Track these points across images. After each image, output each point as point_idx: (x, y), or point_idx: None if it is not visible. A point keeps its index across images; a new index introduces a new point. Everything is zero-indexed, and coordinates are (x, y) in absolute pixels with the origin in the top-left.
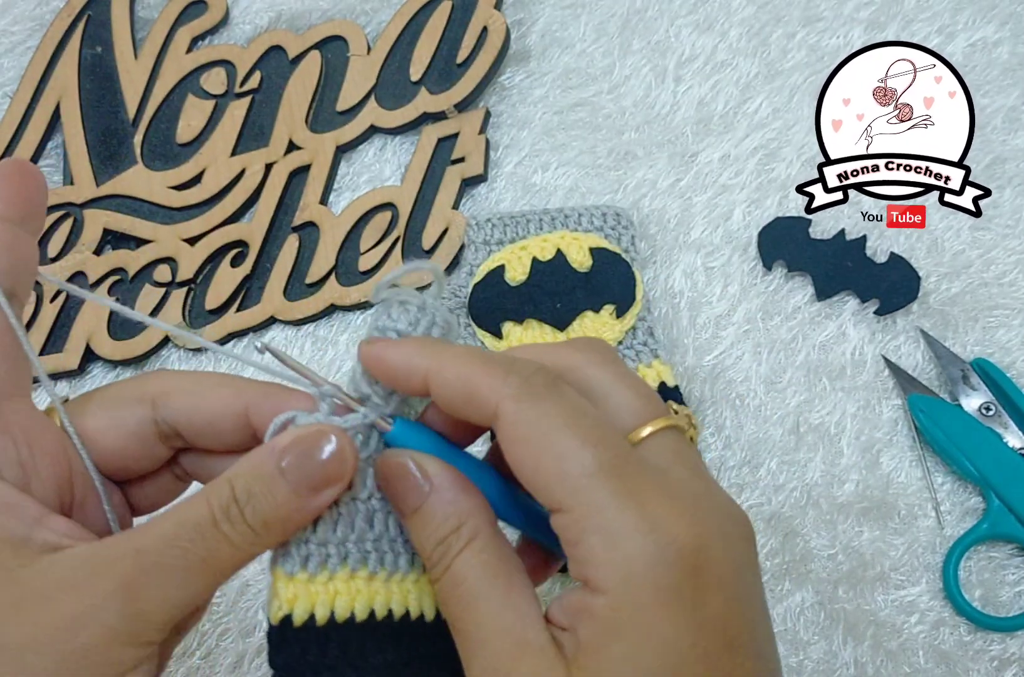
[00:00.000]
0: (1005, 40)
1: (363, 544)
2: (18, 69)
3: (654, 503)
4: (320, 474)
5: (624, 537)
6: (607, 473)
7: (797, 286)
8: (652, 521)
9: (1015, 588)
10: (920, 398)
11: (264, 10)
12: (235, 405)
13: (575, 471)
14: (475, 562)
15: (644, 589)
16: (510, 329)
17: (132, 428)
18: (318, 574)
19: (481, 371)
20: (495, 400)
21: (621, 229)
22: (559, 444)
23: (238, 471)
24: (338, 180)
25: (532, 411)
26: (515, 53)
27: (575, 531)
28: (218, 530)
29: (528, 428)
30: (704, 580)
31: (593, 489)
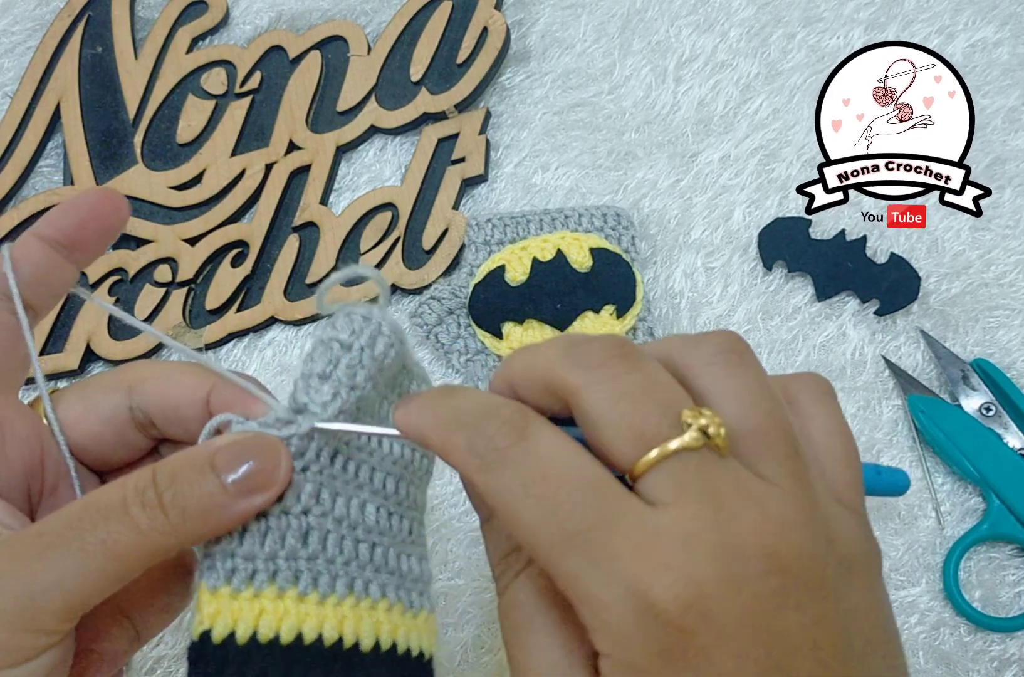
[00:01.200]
0: (1005, 41)
1: (294, 562)
2: (18, 69)
3: (630, 562)
4: (253, 475)
5: (603, 607)
6: (573, 540)
7: (797, 286)
8: (627, 585)
9: (1015, 588)
10: (920, 398)
11: (264, 10)
12: (199, 392)
13: (542, 544)
14: (532, 587)
15: (636, 655)
16: (510, 329)
17: (107, 414)
18: (242, 590)
19: (451, 440)
20: (468, 473)
21: (621, 229)
22: (523, 518)
23: (166, 460)
24: (338, 180)
25: (495, 484)
26: (515, 53)
27: (568, 598)
28: (125, 513)
29: (496, 502)
30: (700, 639)
31: (563, 560)
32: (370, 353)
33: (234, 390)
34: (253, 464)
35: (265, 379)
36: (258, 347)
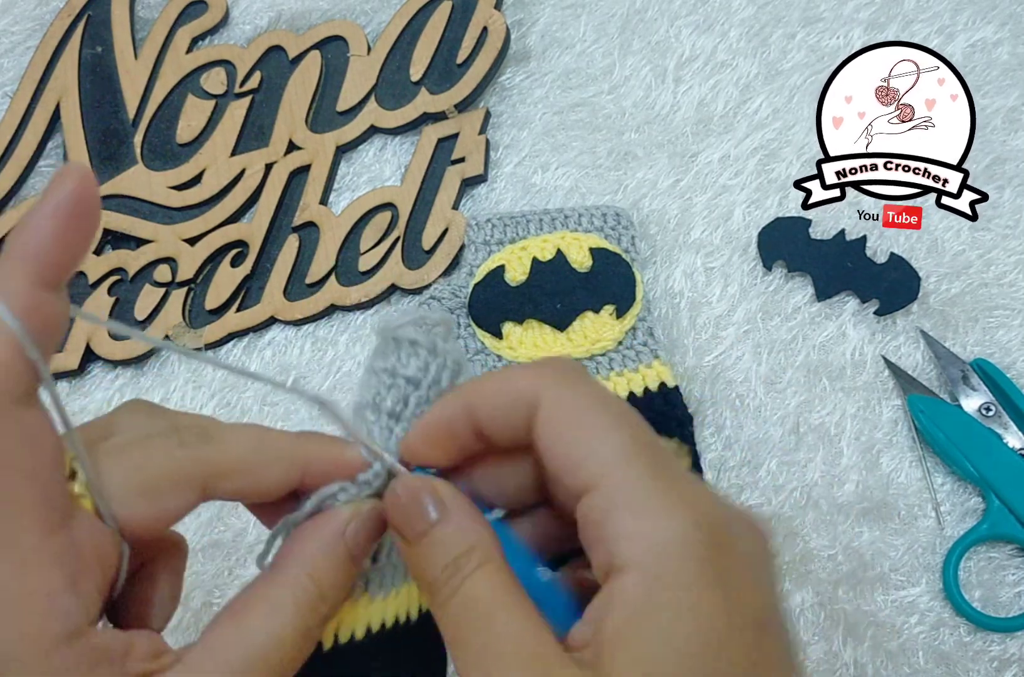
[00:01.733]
0: (1005, 41)
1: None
2: (18, 69)
3: (680, 483)
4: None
5: (656, 510)
6: (639, 452)
7: (797, 286)
8: (682, 498)
9: (1015, 588)
10: (920, 398)
11: (264, 10)
12: (290, 479)
13: (609, 447)
14: (491, 581)
15: (676, 561)
16: (510, 329)
17: (178, 515)
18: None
19: (518, 372)
20: (535, 389)
21: (621, 229)
22: (596, 422)
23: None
24: (338, 180)
25: (570, 393)
26: (515, 53)
27: (603, 509)
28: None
29: (567, 408)
30: (732, 558)
31: (626, 465)
32: (437, 390)
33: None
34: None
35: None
36: (258, 347)
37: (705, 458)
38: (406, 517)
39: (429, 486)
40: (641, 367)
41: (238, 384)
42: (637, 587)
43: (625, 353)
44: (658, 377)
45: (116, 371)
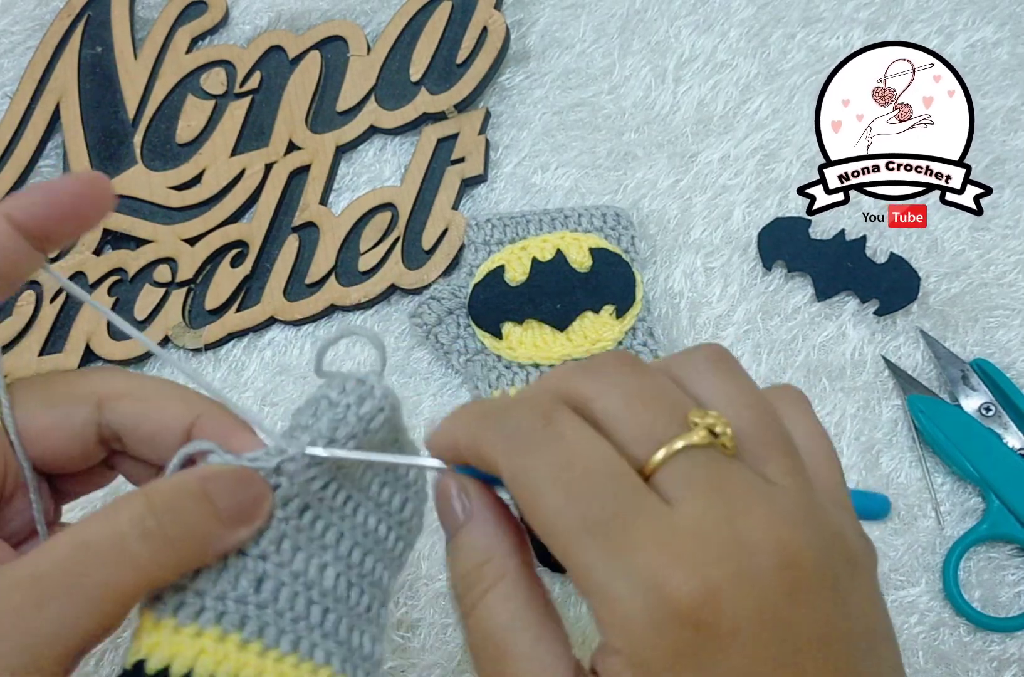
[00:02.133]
0: (1005, 41)
1: (244, 606)
2: (18, 69)
3: (647, 556)
4: (243, 505)
5: (617, 600)
6: (591, 531)
7: (797, 286)
8: (643, 580)
9: (1015, 588)
10: (920, 398)
11: (264, 10)
12: (183, 419)
13: (561, 530)
14: (501, 609)
15: (648, 651)
16: (510, 329)
17: (76, 430)
18: (186, 625)
19: (481, 428)
20: (493, 458)
21: (621, 229)
22: (546, 501)
23: (153, 486)
24: (338, 180)
25: (520, 466)
26: (515, 53)
27: (579, 590)
28: (124, 550)
29: (519, 485)
30: (713, 635)
31: (580, 549)
32: (355, 411)
33: (222, 423)
34: (244, 495)
35: (264, 379)
36: (257, 347)
37: None
38: (442, 511)
39: (461, 483)
40: None
41: (238, 384)
42: (619, 670)
43: None
44: None
45: None
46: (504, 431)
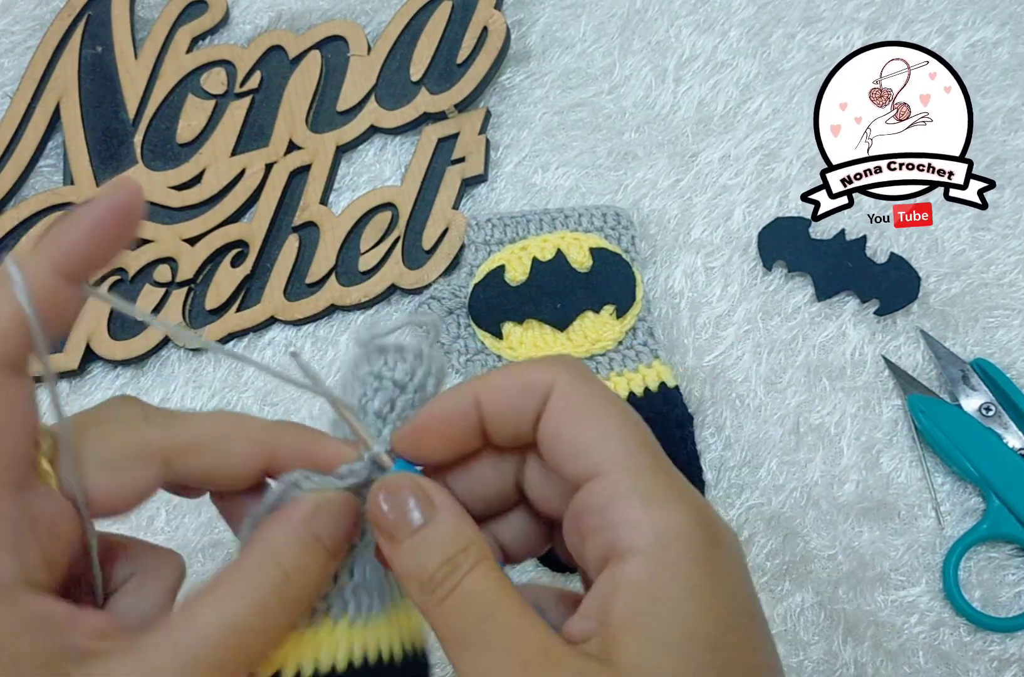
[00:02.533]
0: (1005, 41)
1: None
2: (18, 69)
3: (680, 481)
4: (348, 535)
5: (660, 500)
6: (646, 447)
7: (797, 286)
8: (682, 493)
9: (1015, 588)
10: (920, 398)
11: (264, 10)
12: (257, 462)
13: (617, 439)
14: (489, 578)
15: (680, 550)
16: (510, 329)
17: (140, 490)
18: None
19: (532, 364)
20: (550, 378)
21: (621, 229)
22: (608, 415)
23: (279, 546)
24: (338, 180)
25: (585, 386)
26: (515, 53)
27: (608, 494)
28: (272, 618)
29: (580, 396)
30: (725, 554)
31: (635, 456)
32: (422, 395)
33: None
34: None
35: (265, 379)
36: (258, 347)
37: (705, 458)
38: (394, 513)
39: (417, 483)
40: (641, 367)
41: (238, 384)
42: (643, 571)
43: (625, 353)
44: (658, 377)
45: (116, 371)
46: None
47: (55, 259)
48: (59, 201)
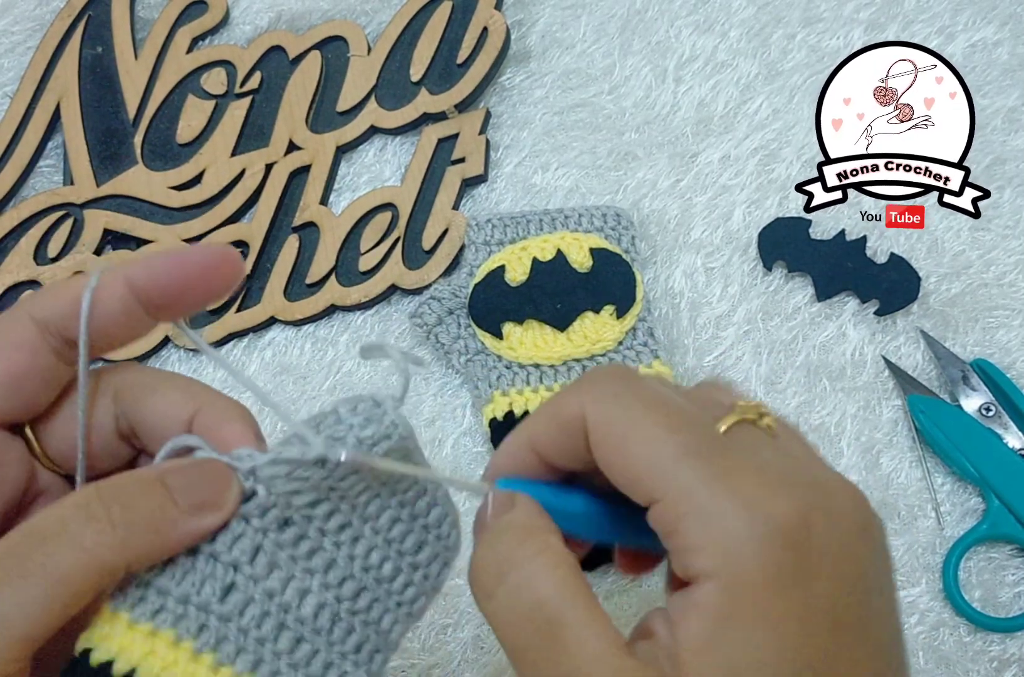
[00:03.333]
0: (1005, 41)
1: (204, 614)
2: (18, 69)
3: (746, 482)
4: (203, 492)
5: (720, 518)
6: (694, 456)
7: (797, 287)
8: (746, 499)
9: (1015, 589)
10: (920, 399)
11: (264, 10)
12: (184, 410)
13: (662, 458)
14: (549, 579)
15: (748, 568)
16: (510, 329)
17: (99, 423)
18: (140, 622)
19: (563, 398)
20: (579, 409)
21: (621, 229)
22: (643, 434)
23: (113, 477)
24: (338, 180)
25: (614, 408)
26: (515, 54)
27: (670, 520)
28: (64, 531)
29: (612, 424)
30: (807, 556)
31: (682, 473)
32: (356, 433)
33: (221, 416)
34: (203, 483)
35: (265, 379)
36: (258, 347)
37: None
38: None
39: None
40: (641, 367)
41: (238, 384)
42: (713, 597)
43: (625, 353)
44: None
45: None
46: (590, 385)
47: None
48: (59, 201)
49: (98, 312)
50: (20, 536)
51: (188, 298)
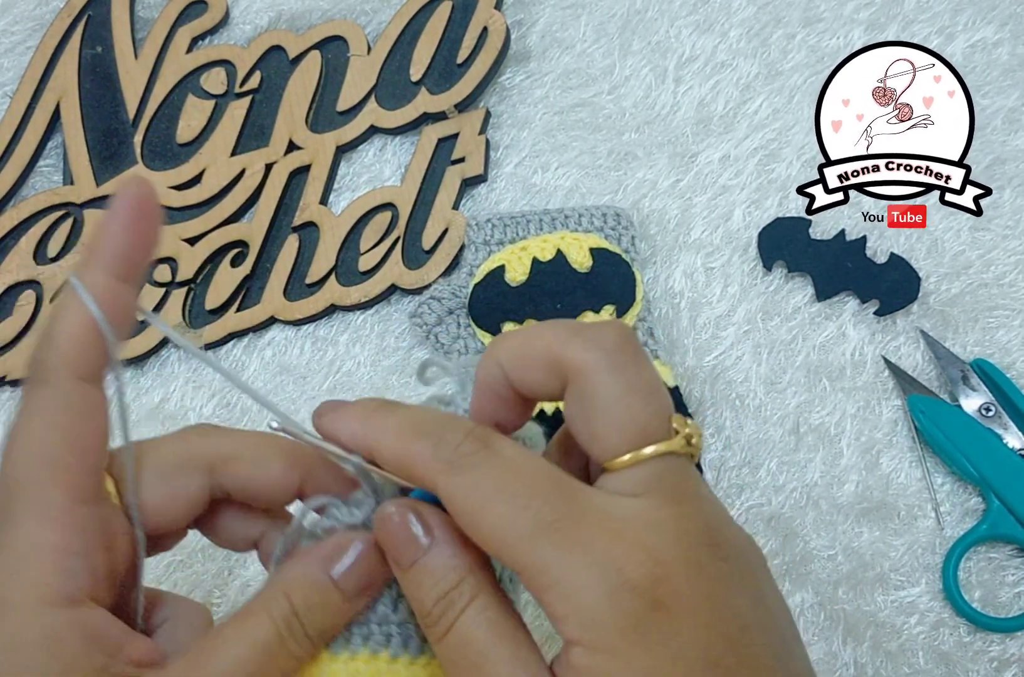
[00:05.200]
0: (1005, 41)
1: (387, 627)
2: (18, 69)
3: (601, 545)
4: (368, 578)
5: (574, 588)
6: (544, 531)
7: (797, 287)
8: (599, 565)
9: (1015, 589)
10: (920, 399)
11: (264, 10)
12: (290, 479)
13: (512, 537)
14: (481, 620)
15: (609, 633)
16: (510, 329)
17: (192, 498)
18: (339, 653)
19: (413, 448)
20: (431, 478)
21: (621, 229)
22: (493, 514)
23: (292, 582)
24: (338, 180)
25: (463, 484)
26: (515, 53)
27: (534, 592)
28: (284, 648)
29: (463, 502)
30: (669, 610)
31: (534, 550)
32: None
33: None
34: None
35: (265, 379)
36: (258, 347)
37: (705, 458)
38: (396, 541)
39: (414, 508)
40: None
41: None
42: (583, 659)
43: None
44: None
45: None
46: (441, 455)
47: (105, 263)
48: (59, 201)
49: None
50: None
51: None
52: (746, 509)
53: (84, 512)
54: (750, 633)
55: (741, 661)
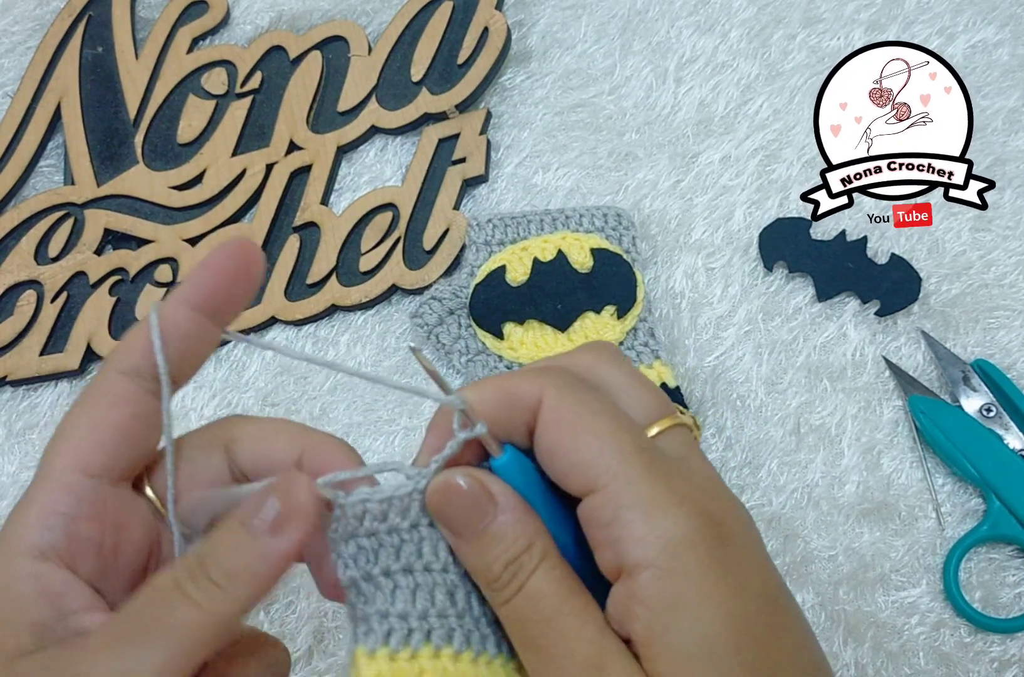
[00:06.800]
0: (1005, 42)
1: (447, 620)
2: (19, 69)
3: (680, 482)
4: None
5: (660, 509)
6: (639, 453)
7: (798, 287)
8: (682, 498)
9: (1015, 589)
10: (921, 399)
11: (265, 10)
12: (290, 453)
13: (612, 449)
14: (551, 578)
15: (687, 557)
16: (511, 330)
17: (212, 476)
18: (400, 651)
19: (518, 377)
20: (537, 392)
21: (622, 230)
22: (598, 425)
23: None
24: (339, 180)
25: (572, 397)
26: (516, 54)
27: (610, 509)
28: (179, 591)
29: (569, 411)
30: (734, 547)
31: (629, 466)
32: None
33: (326, 454)
34: (274, 502)
35: (265, 379)
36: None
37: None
38: (463, 509)
39: (478, 479)
40: (642, 368)
41: (239, 384)
42: (654, 586)
43: (626, 354)
44: (659, 378)
45: None
46: (549, 376)
47: (189, 297)
48: (60, 201)
49: (172, 338)
50: (143, 600)
51: (241, 289)
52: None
53: (84, 482)
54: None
55: (789, 602)
